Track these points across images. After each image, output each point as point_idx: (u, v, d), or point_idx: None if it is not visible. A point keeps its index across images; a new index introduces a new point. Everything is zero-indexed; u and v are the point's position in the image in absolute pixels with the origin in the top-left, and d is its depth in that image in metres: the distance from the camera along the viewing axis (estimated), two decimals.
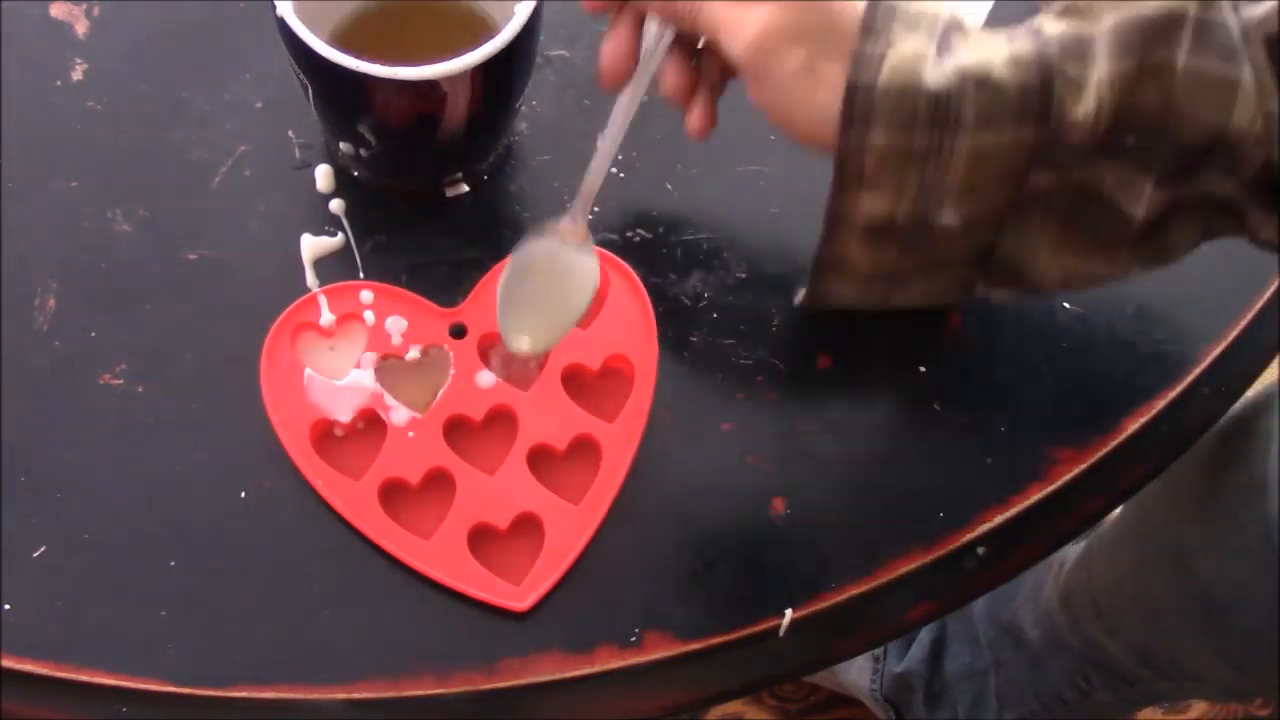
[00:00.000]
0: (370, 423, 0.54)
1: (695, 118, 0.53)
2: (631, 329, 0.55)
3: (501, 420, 0.55)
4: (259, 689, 0.50)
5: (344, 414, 0.53)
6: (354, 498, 0.52)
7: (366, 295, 0.55)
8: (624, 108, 0.52)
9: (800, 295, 0.55)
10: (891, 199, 0.47)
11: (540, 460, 0.54)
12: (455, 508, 0.52)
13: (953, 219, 0.47)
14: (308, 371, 0.54)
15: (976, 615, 0.96)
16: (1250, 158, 0.45)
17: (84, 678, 0.50)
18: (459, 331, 0.55)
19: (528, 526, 0.53)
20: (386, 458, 0.53)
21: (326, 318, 0.55)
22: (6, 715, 0.50)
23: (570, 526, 0.53)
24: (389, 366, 0.54)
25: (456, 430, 0.54)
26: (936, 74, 0.45)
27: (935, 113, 0.45)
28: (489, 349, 0.55)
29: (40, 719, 0.50)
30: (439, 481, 0.53)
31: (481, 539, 0.52)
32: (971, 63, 0.45)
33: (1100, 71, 0.45)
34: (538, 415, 0.54)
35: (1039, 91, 0.45)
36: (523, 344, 0.53)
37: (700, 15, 0.48)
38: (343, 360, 0.54)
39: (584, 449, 0.54)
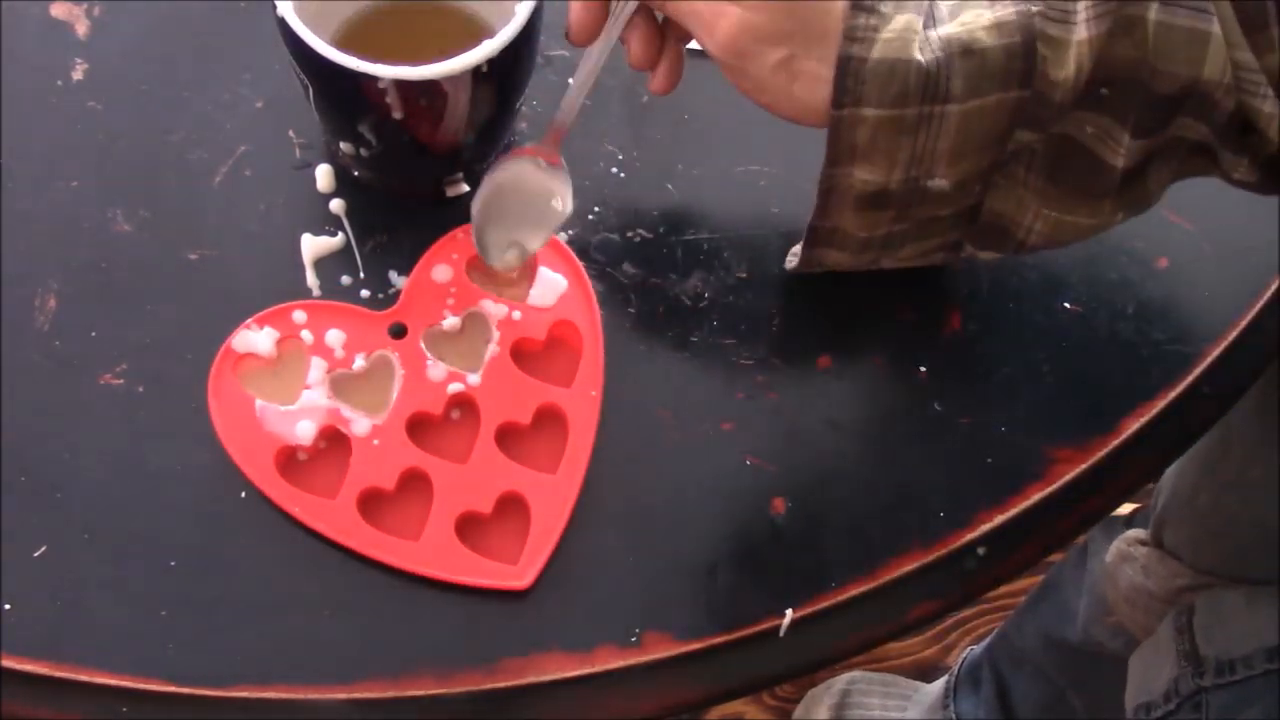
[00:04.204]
0: (332, 440, 0.53)
1: (659, 77, 0.52)
2: (566, 292, 0.56)
3: (461, 408, 0.55)
4: (259, 689, 0.50)
5: (304, 437, 0.53)
6: (334, 517, 0.52)
7: (299, 315, 0.55)
8: (594, 59, 0.51)
9: (793, 262, 0.56)
10: (885, 169, 0.48)
11: (508, 438, 0.54)
12: (436, 503, 0.52)
13: (943, 183, 0.48)
14: (259, 403, 0.53)
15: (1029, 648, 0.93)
16: (1221, 105, 0.45)
17: (84, 678, 0.50)
18: (399, 331, 0.55)
19: (511, 505, 0.53)
20: (357, 470, 0.52)
21: (265, 346, 0.54)
22: (6, 715, 0.50)
23: (553, 496, 0.53)
24: (339, 380, 0.54)
25: (420, 428, 0.54)
26: (924, 45, 0.45)
27: (925, 84, 0.45)
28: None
29: (40, 719, 0.50)
30: (415, 481, 0.53)
31: (469, 527, 0.53)
32: (957, 31, 0.46)
33: (1081, 32, 0.45)
34: (495, 396, 0.54)
35: (1022, 55, 0.45)
36: (504, 259, 0.55)
37: (677, 6, 0.48)
38: (290, 384, 0.54)
39: (548, 418, 0.54)
